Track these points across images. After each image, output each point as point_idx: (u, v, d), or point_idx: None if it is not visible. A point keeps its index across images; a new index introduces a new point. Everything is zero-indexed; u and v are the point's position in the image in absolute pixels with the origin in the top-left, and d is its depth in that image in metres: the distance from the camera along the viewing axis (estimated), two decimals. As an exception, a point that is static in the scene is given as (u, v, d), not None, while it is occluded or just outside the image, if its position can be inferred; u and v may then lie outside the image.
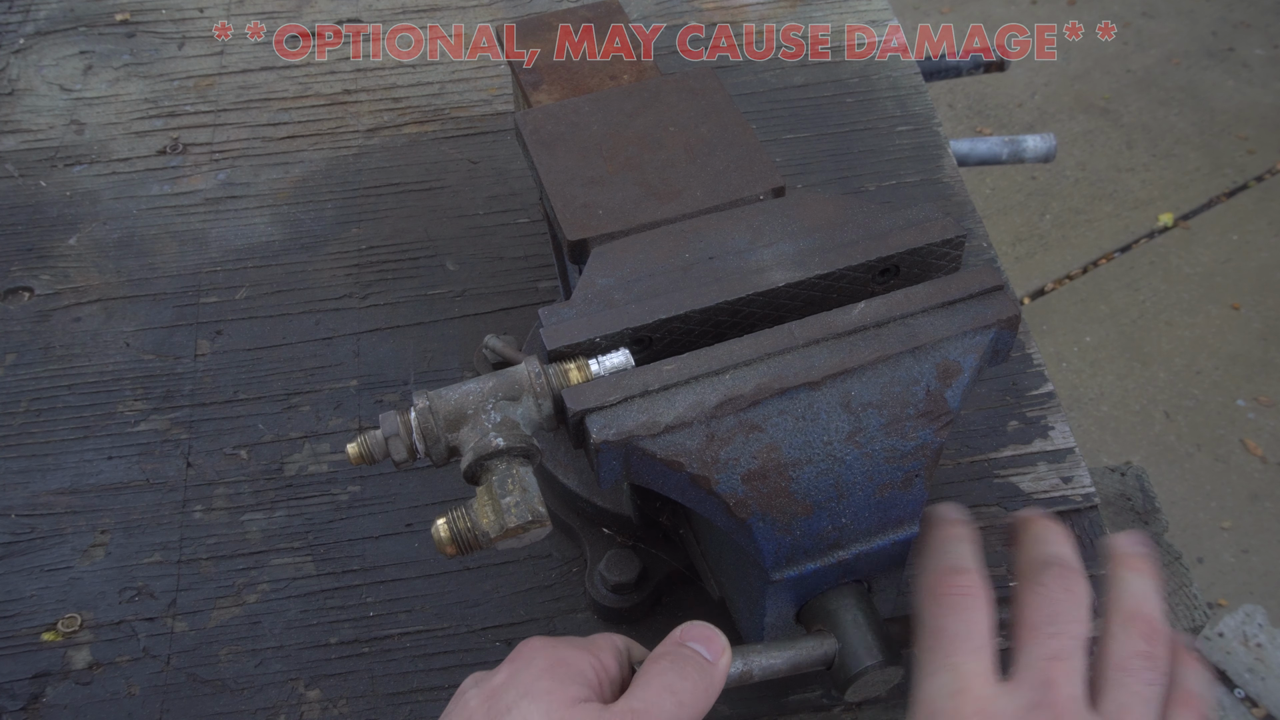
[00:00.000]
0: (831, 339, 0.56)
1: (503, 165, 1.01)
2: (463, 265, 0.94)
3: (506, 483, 0.53)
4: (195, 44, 1.14)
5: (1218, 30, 3.33)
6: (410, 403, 0.55)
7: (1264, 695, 2.04)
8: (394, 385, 0.86)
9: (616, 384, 0.54)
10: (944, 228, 0.61)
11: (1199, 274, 2.71)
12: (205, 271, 0.94)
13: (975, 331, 0.57)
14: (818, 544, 0.56)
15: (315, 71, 1.11)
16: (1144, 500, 0.83)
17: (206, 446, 0.82)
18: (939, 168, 1.00)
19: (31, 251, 0.96)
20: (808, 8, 1.15)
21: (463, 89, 1.09)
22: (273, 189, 1.00)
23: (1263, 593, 2.16)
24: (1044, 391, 0.84)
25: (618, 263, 0.61)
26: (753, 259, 0.61)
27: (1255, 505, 2.29)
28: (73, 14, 1.17)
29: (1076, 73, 3.21)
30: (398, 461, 0.55)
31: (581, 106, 0.73)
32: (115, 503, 0.80)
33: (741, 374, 0.55)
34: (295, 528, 0.78)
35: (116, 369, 0.87)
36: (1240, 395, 2.47)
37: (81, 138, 1.05)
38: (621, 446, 0.53)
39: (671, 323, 0.58)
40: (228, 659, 0.72)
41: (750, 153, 0.70)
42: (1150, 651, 0.53)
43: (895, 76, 1.08)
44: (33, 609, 0.75)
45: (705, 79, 0.74)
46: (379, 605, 0.74)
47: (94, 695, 0.71)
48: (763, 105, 1.05)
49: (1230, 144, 3.01)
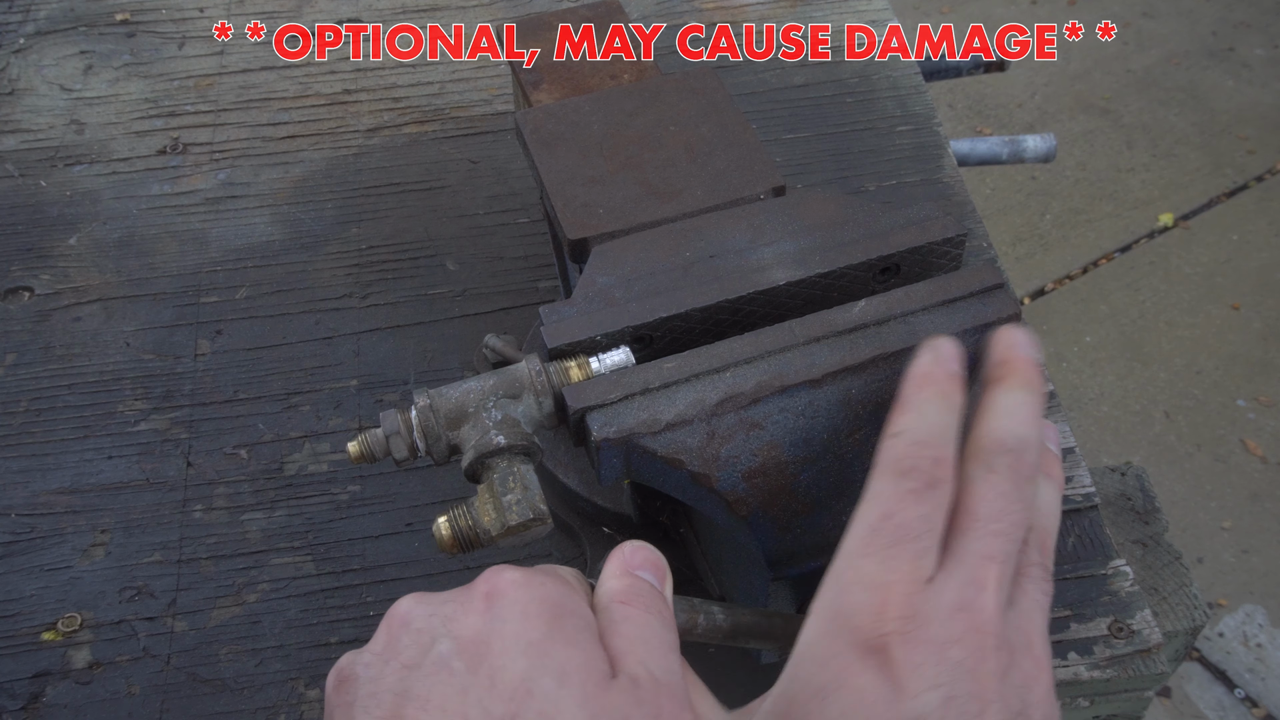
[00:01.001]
0: (832, 337, 0.56)
1: (503, 165, 1.01)
2: (463, 265, 0.94)
3: (508, 480, 0.53)
4: (195, 44, 1.14)
5: (1218, 30, 3.33)
6: (411, 401, 0.55)
7: (1264, 695, 2.04)
8: (394, 385, 0.86)
9: (617, 382, 0.54)
10: (944, 226, 0.61)
11: (1199, 274, 2.71)
12: (205, 271, 0.94)
13: (975, 330, 0.57)
14: (818, 542, 0.56)
15: (315, 71, 1.11)
16: (1144, 500, 0.83)
17: (206, 446, 0.82)
18: (939, 168, 1.00)
19: (31, 251, 0.96)
20: (808, 8, 1.15)
21: (463, 89, 1.09)
22: (273, 189, 1.00)
23: (1263, 593, 2.16)
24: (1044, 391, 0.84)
25: (618, 261, 0.61)
26: (753, 258, 0.61)
27: (1255, 505, 2.29)
28: (73, 14, 1.17)
29: (1076, 73, 3.22)
30: (398, 460, 0.55)
31: (582, 106, 0.73)
32: (115, 502, 0.80)
33: (742, 372, 0.55)
34: (295, 527, 0.78)
35: (116, 369, 0.87)
36: (1240, 395, 2.47)
37: (81, 137, 1.05)
38: (622, 444, 0.53)
39: (672, 321, 0.58)
40: (228, 658, 0.72)
41: (751, 152, 0.70)
42: (1010, 510, 0.45)
43: (895, 76, 1.08)
44: (33, 608, 0.75)
45: (706, 78, 0.74)
46: (379, 605, 0.74)
47: (94, 695, 0.71)
48: (763, 105, 1.05)
49: (1230, 144, 3.01)
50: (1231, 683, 2.06)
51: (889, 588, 0.43)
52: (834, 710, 0.42)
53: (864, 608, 0.43)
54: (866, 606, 0.43)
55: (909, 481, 0.45)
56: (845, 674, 0.42)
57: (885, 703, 0.41)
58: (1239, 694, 2.05)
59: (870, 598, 0.43)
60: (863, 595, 0.43)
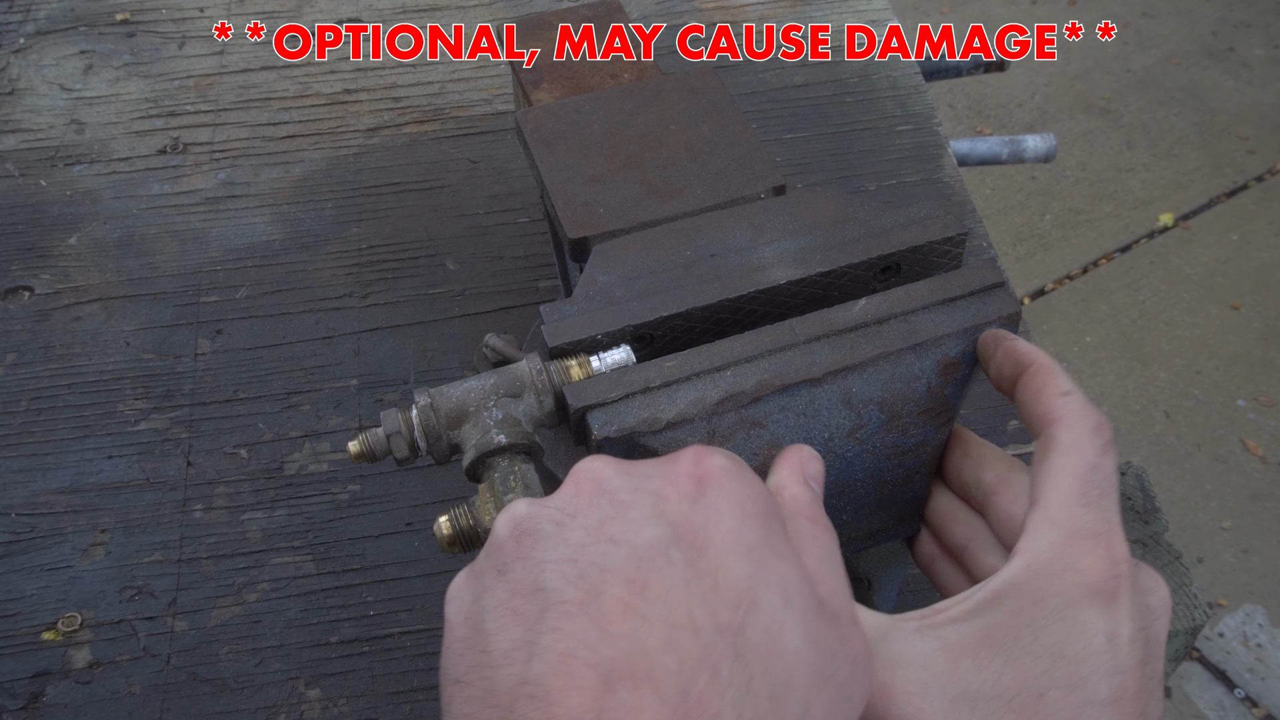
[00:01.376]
0: (833, 335, 0.56)
1: (503, 165, 1.01)
2: (463, 264, 0.94)
3: (509, 479, 0.52)
4: (195, 44, 1.14)
5: (1218, 30, 3.33)
6: (411, 400, 0.55)
7: (1264, 695, 2.04)
8: (394, 384, 0.86)
9: (618, 380, 0.54)
10: (945, 225, 0.61)
11: (1199, 274, 2.71)
12: (205, 271, 0.94)
13: (976, 328, 0.57)
14: (819, 541, 0.56)
15: (315, 71, 1.11)
16: (1144, 500, 0.82)
17: (206, 445, 0.82)
18: (939, 168, 1.00)
19: (32, 251, 0.96)
20: (808, 8, 1.15)
21: (463, 89, 1.09)
22: (273, 188, 1.00)
23: (1263, 593, 2.16)
24: (1045, 390, 0.84)
25: (619, 260, 0.61)
26: (754, 257, 0.61)
27: (1255, 505, 2.29)
28: (73, 14, 1.17)
29: (1076, 73, 3.22)
30: (399, 459, 0.55)
31: (582, 105, 0.73)
32: (115, 502, 0.80)
33: (743, 370, 0.55)
34: (295, 527, 0.78)
35: (117, 368, 0.87)
36: (1240, 395, 2.47)
37: (82, 137, 1.05)
38: (623, 443, 0.53)
39: (673, 320, 0.58)
40: (228, 658, 0.72)
41: (751, 151, 0.70)
42: None
43: (895, 76, 1.08)
44: (33, 608, 0.74)
45: (706, 78, 0.74)
46: (379, 604, 0.74)
47: (94, 694, 0.70)
48: (763, 105, 1.05)
49: (1230, 144, 3.01)
50: (1231, 683, 2.06)
51: (1111, 537, 0.46)
52: (1050, 638, 0.44)
53: (1094, 555, 0.45)
54: (1096, 554, 0.45)
55: (1101, 436, 0.49)
56: (1071, 610, 0.44)
57: (1106, 638, 0.44)
58: (1239, 694, 2.05)
59: (1097, 546, 0.46)
60: (1090, 544, 0.46)
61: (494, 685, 0.36)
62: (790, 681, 0.36)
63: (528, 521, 0.41)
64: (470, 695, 0.37)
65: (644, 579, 0.37)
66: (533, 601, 0.37)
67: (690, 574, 0.37)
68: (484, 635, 0.38)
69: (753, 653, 0.36)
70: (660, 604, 0.36)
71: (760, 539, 0.39)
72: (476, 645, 0.38)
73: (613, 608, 0.36)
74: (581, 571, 0.38)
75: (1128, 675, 0.43)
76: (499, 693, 0.36)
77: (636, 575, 0.37)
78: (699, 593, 0.37)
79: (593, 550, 0.38)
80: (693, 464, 0.41)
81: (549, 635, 0.36)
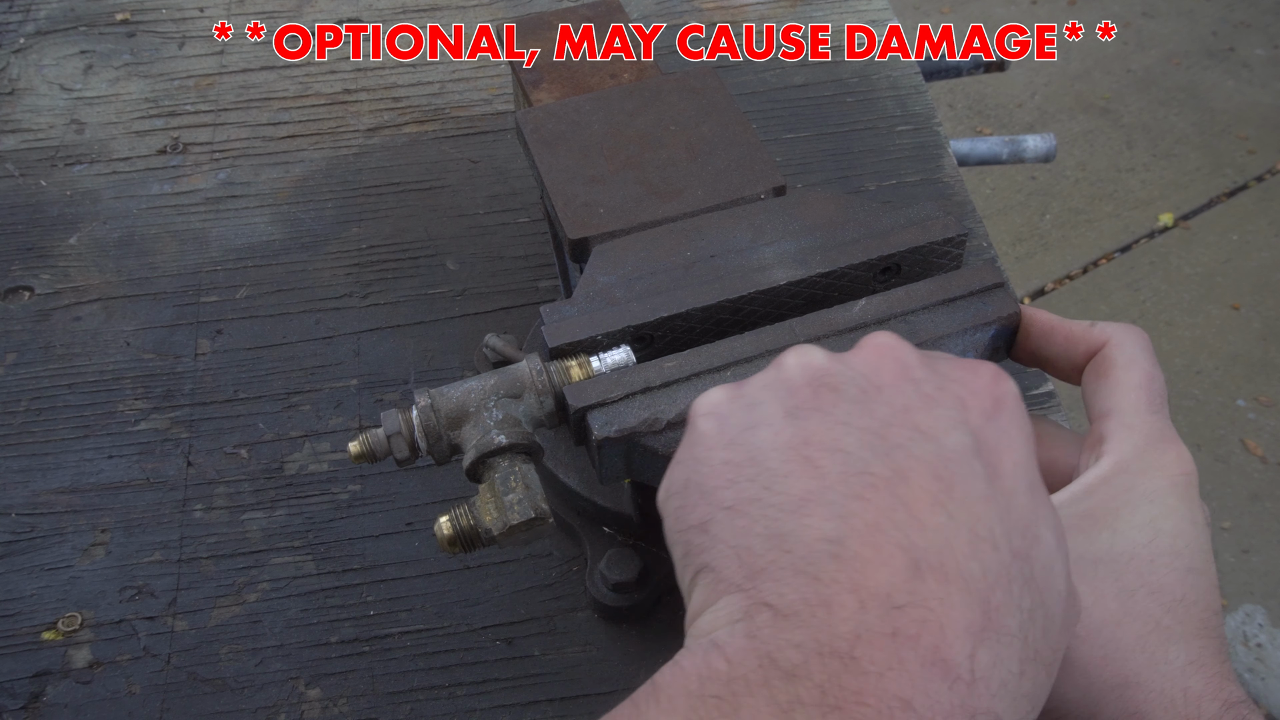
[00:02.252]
0: (832, 336, 0.56)
1: (503, 165, 1.01)
2: (463, 264, 0.94)
3: (509, 480, 0.53)
4: (195, 44, 1.14)
5: (1218, 30, 3.33)
6: (412, 401, 0.55)
7: (1264, 695, 2.04)
8: (394, 384, 0.86)
9: (618, 381, 0.55)
10: (945, 226, 0.61)
11: (1199, 274, 2.71)
12: (205, 271, 0.94)
13: (975, 328, 0.57)
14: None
15: (315, 71, 1.11)
16: (1145, 499, 0.82)
17: (207, 445, 0.82)
18: (939, 168, 1.00)
19: (31, 251, 0.96)
20: (808, 8, 1.15)
21: (463, 89, 1.09)
22: (273, 188, 1.00)
23: (1263, 593, 2.16)
24: (1044, 391, 0.84)
25: (619, 261, 0.61)
26: (754, 257, 0.61)
27: (1255, 505, 2.29)
28: (73, 14, 1.17)
29: (1076, 73, 3.22)
30: (399, 460, 0.55)
31: (582, 105, 0.73)
32: (115, 502, 0.80)
33: (743, 370, 0.55)
34: (295, 527, 0.78)
35: (117, 368, 0.87)
36: (1240, 395, 2.47)
37: (82, 137, 1.05)
38: (623, 443, 0.53)
39: (673, 320, 0.58)
40: (228, 658, 0.72)
41: (751, 152, 0.70)
42: None
43: (895, 76, 1.08)
44: (33, 608, 0.74)
45: (706, 78, 0.74)
46: (379, 604, 0.74)
47: (94, 694, 0.71)
48: (763, 105, 1.05)
49: (1230, 144, 3.01)
50: (1231, 683, 2.06)
51: (1179, 440, 0.51)
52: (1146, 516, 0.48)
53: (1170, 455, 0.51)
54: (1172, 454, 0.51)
55: (1148, 347, 0.55)
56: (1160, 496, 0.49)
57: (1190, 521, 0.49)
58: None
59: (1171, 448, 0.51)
60: (1165, 445, 0.51)
61: (783, 529, 0.36)
62: (1055, 620, 0.37)
63: (830, 377, 0.40)
64: (747, 528, 0.37)
65: (950, 479, 0.37)
66: (833, 460, 0.37)
67: (989, 491, 0.37)
68: (766, 471, 0.38)
69: (1035, 583, 0.37)
70: (964, 510, 0.36)
71: (1037, 478, 0.40)
72: (756, 479, 0.38)
73: (920, 497, 0.36)
74: (889, 450, 0.37)
75: (1209, 554, 0.48)
76: (789, 538, 0.36)
77: (944, 473, 0.37)
78: (996, 511, 0.37)
79: (900, 433, 0.38)
80: (993, 383, 0.42)
81: (855, 502, 0.36)
